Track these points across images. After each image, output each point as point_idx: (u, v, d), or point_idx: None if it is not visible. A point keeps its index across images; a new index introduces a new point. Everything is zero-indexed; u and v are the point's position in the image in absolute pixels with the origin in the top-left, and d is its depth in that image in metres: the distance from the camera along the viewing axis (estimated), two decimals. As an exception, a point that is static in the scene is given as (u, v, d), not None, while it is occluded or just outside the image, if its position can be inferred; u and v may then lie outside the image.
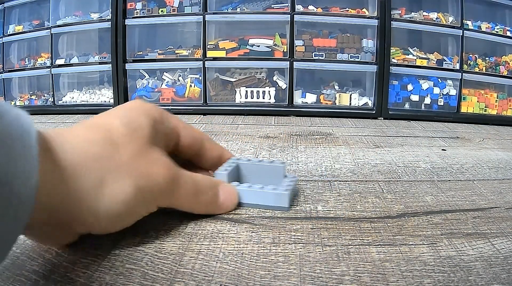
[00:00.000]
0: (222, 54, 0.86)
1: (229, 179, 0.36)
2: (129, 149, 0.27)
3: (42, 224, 0.24)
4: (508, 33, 0.84)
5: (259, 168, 0.38)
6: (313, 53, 0.84)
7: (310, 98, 0.86)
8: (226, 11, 0.87)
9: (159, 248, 0.28)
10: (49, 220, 0.24)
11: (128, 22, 0.87)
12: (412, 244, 0.29)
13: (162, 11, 0.87)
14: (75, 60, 0.92)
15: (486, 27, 0.84)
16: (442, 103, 0.84)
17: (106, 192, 0.25)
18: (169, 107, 0.86)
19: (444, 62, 0.84)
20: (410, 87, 0.84)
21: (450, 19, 0.84)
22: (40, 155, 0.21)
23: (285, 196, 0.34)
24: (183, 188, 0.30)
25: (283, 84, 0.86)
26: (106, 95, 0.91)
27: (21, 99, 0.97)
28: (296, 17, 0.83)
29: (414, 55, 0.84)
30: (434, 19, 0.84)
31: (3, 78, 0.97)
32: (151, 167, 0.28)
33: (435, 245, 0.29)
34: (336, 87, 0.88)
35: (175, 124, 0.34)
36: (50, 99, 0.93)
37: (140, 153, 0.28)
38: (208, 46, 0.86)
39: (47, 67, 0.93)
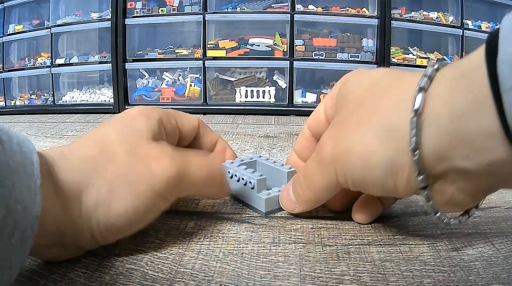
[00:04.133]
0: (222, 53, 0.86)
1: None
2: (123, 153, 0.26)
3: (51, 246, 0.25)
4: (508, 33, 0.84)
5: (266, 168, 0.38)
6: (313, 53, 0.84)
7: (310, 97, 0.86)
8: (226, 10, 0.87)
9: (159, 248, 0.28)
10: (57, 242, 0.24)
11: (128, 21, 0.86)
12: (412, 244, 0.29)
13: (162, 10, 0.87)
14: (75, 59, 0.92)
15: (486, 27, 0.84)
16: (442, 103, 0.84)
17: (104, 206, 0.25)
18: (169, 107, 0.85)
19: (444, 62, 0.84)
20: (410, 86, 0.84)
21: (450, 18, 0.84)
22: (42, 183, 0.21)
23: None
24: (195, 168, 0.28)
25: (283, 83, 0.86)
26: (106, 94, 0.91)
27: (21, 99, 0.97)
28: (296, 17, 0.83)
29: (414, 55, 0.84)
30: (434, 18, 0.84)
31: (3, 78, 0.97)
32: (152, 164, 0.26)
33: (435, 245, 0.29)
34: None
35: (176, 122, 0.33)
36: (50, 99, 0.93)
37: (136, 152, 0.27)
38: (208, 46, 0.86)
39: (47, 66, 0.92)
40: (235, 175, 0.35)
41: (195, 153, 0.30)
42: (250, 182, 0.34)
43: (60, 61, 0.92)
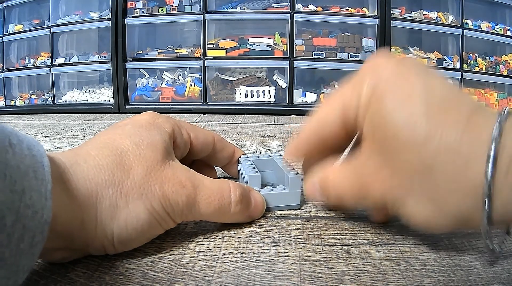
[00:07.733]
0: (222, 53, 0.86)
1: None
2: (140, 171, 0.27)
3: (58, 250, 0.25)
4: (508, 33, 0.84)
5: (270, 163, 0.39)
6: (313, 52, 0.84)
7: (310, 97, 0.86)
8: (226, 10, 0.87)
9: (159, 248, 0.28)
10: (65, 246, 0.25)
11: (128, 21, 0.86)
12: (412, 244, 0.29)
13: (162, 10, 0.87)
14: (75, 59, 0.92)
15: (486, 27, 0.84)
16: (442, 103, 0.84)
17: (120, 219, 0.25)
18: (169, 106, 0.86)
19: (444, 62, 0.84)
20: (410, 86, 0.84)
21: (450, 18, 0.84)
22: (54, 188, 0.21)
23: (298, 194, 0.35)
24: (203, 202, 0.29)
25: (283, 83, 0.86)
26: (106, 94, 0.91)
27: (21, 99, 0.97)
28: (296, 16, 0.83)
29: (414, 54, 0.84)
30: (434, 18, 0.84)
31: (3, 77, 0.97)
32: (165, 186, 0.27)
33: (435, 244, 0.29)
34: (336, 86, 0.88)
35: (188, 134, 0.33)
36: (50, 98, 0.93)
37: (152, 173, 0.27)
38: (208, 45, 0.86)
39: (47, 66, 0.92)
40: (241, 172, 0.37)
41: (210, 183, 0.30)
42: (245, 177, 0.35)
43: (60, 60, 0.92)
